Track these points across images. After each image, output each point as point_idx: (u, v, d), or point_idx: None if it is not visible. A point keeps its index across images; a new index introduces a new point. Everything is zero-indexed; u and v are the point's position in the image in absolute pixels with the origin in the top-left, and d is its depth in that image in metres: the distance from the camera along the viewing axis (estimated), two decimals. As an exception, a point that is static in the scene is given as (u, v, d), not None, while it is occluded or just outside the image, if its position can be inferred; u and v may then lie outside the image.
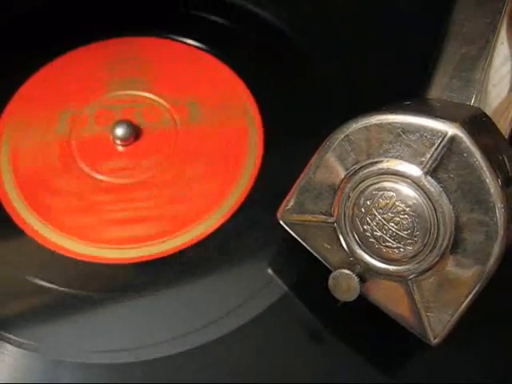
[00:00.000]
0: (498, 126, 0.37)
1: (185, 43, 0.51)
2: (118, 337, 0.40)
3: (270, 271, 0.42)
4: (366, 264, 0.37)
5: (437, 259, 0.35)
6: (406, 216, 0.35)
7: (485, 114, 0.37)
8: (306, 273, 0.42)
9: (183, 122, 0.47)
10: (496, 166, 0.34)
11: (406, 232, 0.35)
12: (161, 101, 0.48)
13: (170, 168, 0.46)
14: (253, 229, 0.44)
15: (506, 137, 0.38)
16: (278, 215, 0.40)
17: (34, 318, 0.41)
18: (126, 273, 0.42)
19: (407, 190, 0.35)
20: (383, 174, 0.35)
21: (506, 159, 0.36)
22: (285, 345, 0.40)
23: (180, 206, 0.44)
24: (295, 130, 0.47)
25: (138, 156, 0.46)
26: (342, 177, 0.37)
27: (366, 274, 0.37)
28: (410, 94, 0.40)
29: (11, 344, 0.40)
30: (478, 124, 0.36)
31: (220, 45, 0.51)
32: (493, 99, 0.38)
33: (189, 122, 0.47)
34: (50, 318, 0.41)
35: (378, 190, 0.35)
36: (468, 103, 0.38)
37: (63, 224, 0.44)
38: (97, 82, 0.49)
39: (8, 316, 0.41)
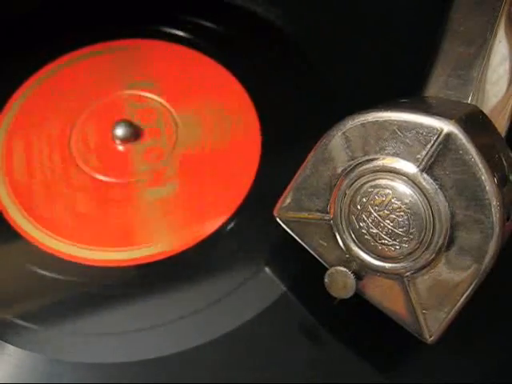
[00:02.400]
0: (496, 125, 0.37)
1: (184, 45, 0.51)
2: (118, 337, 0.40)
3: (268, 271, 0.42)
4: (362, 261, 0.37)
5: (432, 257, 0.35)
6: (401, 213, 0.35)
7: (482, 112, 0.37)
8: (304, 272, 0.42)
9: (183, 122, 0.48)
10: (492, 163, 0.34)
11: (401, 229, 0.35)
12: (161, 101, 0.48)
13: (170, 169, 0.46)
14: (251, 229, 0.44)
15: (504, 135, 0.38)
16: (275, 212, 0.40)
17: (34, 318, 0.41)
18: (126, 273, 0.42)
19: (403, 188, 0.35)
20: (379, 171, 0.35)
21: (503, 158, 0.36)
22: (283, 344, 0.40)
23: (179, 206, 0.44)
24: (294, 129, 0.47)
25: (138, 156, 0.46)
26: (338, 174, 0.37)
27: (361, 271, 0.37)
28: (411, 93, 0.40)
29: (11, 344, 0.40)
30: (475, 122, 0.36)
31: (218, 46, 0.51)
32: (490, 98, 0.38)
33: (188, 122, 0.47)
34: (50, 318, 0.41)
35: (374, 187, 0.35)
36: (465, 101, 0.38)
37: (61, 226, 0.44)
38: (96, 83, 0.49)
39: (8, 316, 0.41)
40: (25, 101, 0.49)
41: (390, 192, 0.35)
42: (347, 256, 0.37)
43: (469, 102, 0.38)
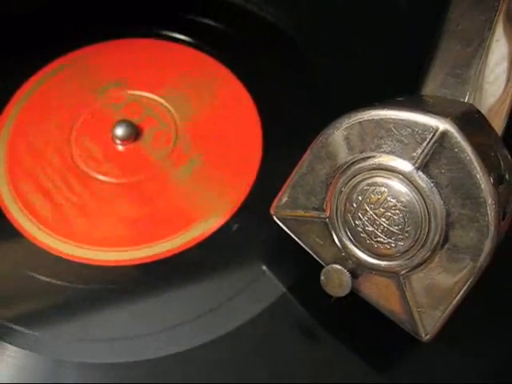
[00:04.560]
0: (493, 124, 0.37)
1: (183, 43, 0.51)
2: (118, 337, 0.40)
3: (267, 271, 0.42)
4: (358, 259, 0.37)
5: (428, 255, 0.35)
6: (397, 211, 0.35)
7: (478, 110, 0.37)
8: (303, 272, 0.42)
9: (183, 123, 0.48)
10: (488, 162, 0.34)
11: (397, 227, 0.35)
12: (160, 100, 0.48)
13: (169, 169, 0.46)
14: (251, 229, 0.44)
15: (500, 134, 0.38)
16: (272, 211, 0.40)
17: (33, 318, 0.41)
18: (126, 273, 0.42)
19: (399, 186, 0.35)
20: (375, 169, 0.35)
21: (499, 157, 0.36)
22: (283, 344, 0.40)
23: (179, 206, 0.44)
24: (294, 129, 0.47)
25: (138, 156, 0.46)
26: (335, 172, 0.37)
27: (357, 269, 0.37)
28: (411, 92, 0.40)
29: (11, 344, 0.40)
30: (471, 120, 0.36)
31: (218, 45, 0.51)
32: (488, 97, 0.38)
33: (188, 122, 0.48)
34: (50, 318, 0.41)
35: (370, 185, 0.35)
36: (462, 100, 0.38)
37: (63, 226, 0.44)
38: (93, 84, 0.49)
39: (8, 316, 0.41)
40: (26, 102, 0.49)
41: (386, 190, 0.35)
42: (343, 254, 0.37)
43: (466, 101, 0.38)
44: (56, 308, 0.41)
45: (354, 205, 0.36)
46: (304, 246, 0.39)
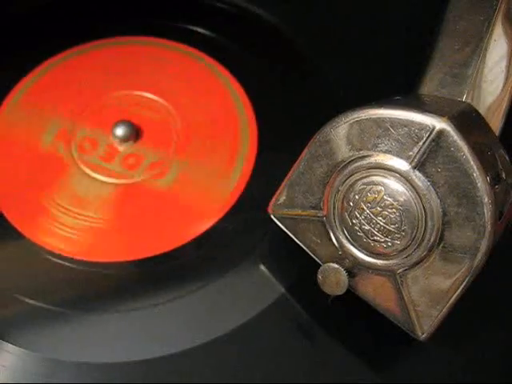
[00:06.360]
0: (490, 123, 0.37)
1: (183, 43, 0.51)
2: (118, 336, 0.40)
3: (265, 270, 0.42)
4: (355, 258, 0.37)
5: (425, 253, 0.35)
6: (393, 210, 0.35)
7: (475, 110, 0.37)
8: (302, 272, 0.42)
9: (182, 122, 0.48)
10: (485, 161, 0.34)
11: (393, 226, 0.35)
12: (160, 100, 0.48)
13: (167, 169, 0.46)
14: (248, 228, 0.44)
15: (498, 134, 0.38)
16: (269, 210, 0.40)
17: (34, 318, 0.41)
18: (124, 272, 0.43)
19: (395, 185, 0.35)
20: (372, 168, 0.35)
21: (497, 156, 0.36)
22: (281, 345, 0.40)
23: (177, 205, 0.44)
24: (293, 128, 0.47)
25: (138, 156, 0.46)
26: (332, 171, 0.37)
27: (354, 268, 0.37)
28: (409, 91, 0.40)
29: (11, 344, 0.40)
30: (468, 120, 0.36)
31: (217, 44, 0.51)
32: (486, 96, 0.38)
33: (187, 122, 0.48)
34: (50, 317, 0.41)
35: (367, 184, 0.35)
36: (460, 99, 0.38)
37: (62, 224, 0.44)
38: (93, 83, 0.50)
39: (8, 316, 0.41)
40: (23, 99, 0.49)
41: (383, 189, 0.35)
42: (340, 253, 0.37)
43: (463, 100, 0.38)
44: (55, 307, 0.41)
45: (351, 203, 0.36)
46: (301, 244, 0.39)
